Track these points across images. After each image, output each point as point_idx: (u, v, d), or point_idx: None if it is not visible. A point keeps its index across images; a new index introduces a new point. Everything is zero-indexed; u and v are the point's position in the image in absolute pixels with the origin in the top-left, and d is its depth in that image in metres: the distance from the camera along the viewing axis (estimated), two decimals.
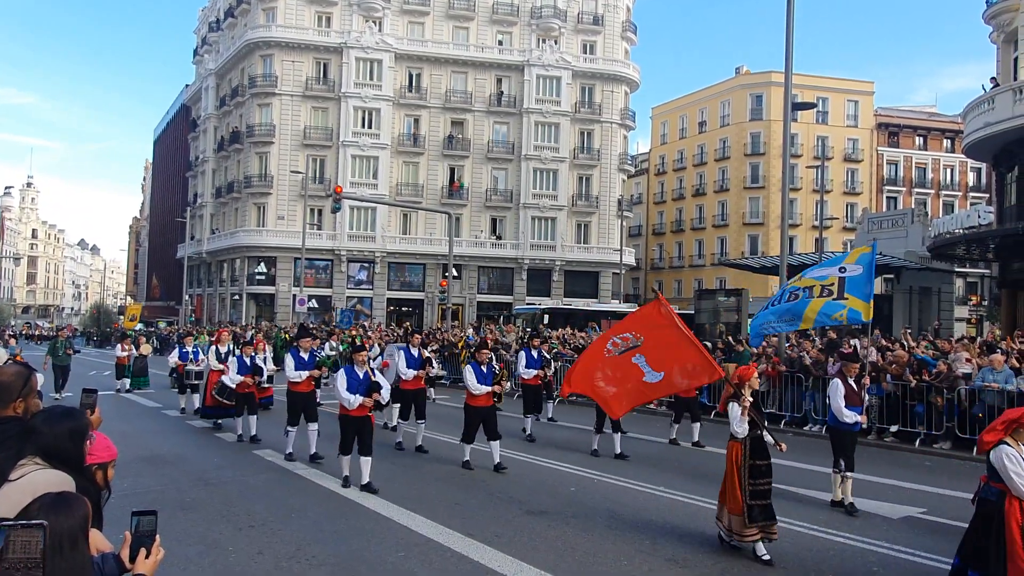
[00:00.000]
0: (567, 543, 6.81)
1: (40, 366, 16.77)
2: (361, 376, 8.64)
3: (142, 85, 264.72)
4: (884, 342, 16.14)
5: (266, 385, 12.88)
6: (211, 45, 57.01)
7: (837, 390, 8.33)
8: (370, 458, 8.61)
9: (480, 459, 10.34)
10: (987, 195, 48.13)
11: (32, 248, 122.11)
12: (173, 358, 16.26)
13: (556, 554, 6.47)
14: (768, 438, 6.68)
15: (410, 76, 48.28)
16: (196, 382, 15.18)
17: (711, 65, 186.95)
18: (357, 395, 8.49)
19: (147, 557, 2.41)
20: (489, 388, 9.91)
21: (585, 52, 50.89)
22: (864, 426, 9.03)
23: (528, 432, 12.75)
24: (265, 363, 12.76)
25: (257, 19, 48.09)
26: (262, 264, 47.20)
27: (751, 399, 6.57)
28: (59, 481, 2.52)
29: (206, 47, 58.32)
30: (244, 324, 38.54)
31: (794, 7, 15.93)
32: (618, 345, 7.11)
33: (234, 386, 12.10)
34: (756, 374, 6.97)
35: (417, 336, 12.50)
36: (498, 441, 9.88)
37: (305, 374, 10.41)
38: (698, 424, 12.50)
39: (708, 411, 15.67)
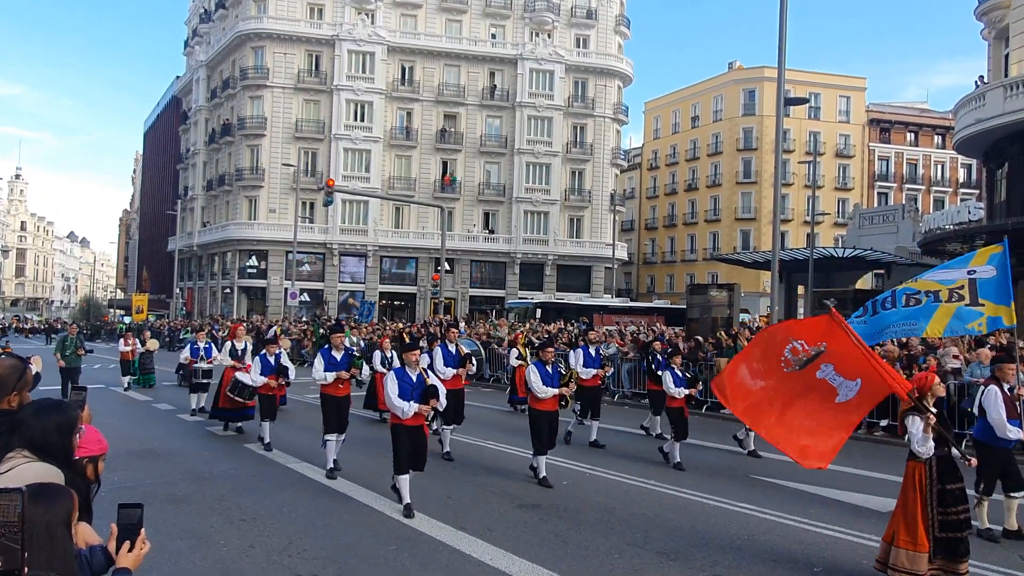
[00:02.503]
0: (559, 537, 6.82)
1: (54, 366, 15.42)
2: (414, 379, 7.47)
3: (132, 76, 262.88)
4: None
5: (283, 382, 11.62)
6: (202, 37, 56.60)
7: (997, 400, 6.91)
8: (420, 472, 7.58)
9: (487, 459, 10.32)
10: (977, 191, 48.39)
11: (21, 240, 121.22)
12: (184, 354, 15.04)
13: (548, 547, 6.48)
14: (956, 453, 5.62)
15: (403, 69, 48.10)
16: (205, 380, 14.17)
17: (704, 60, 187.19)
18: (412, 402, 7.30)
19: (130, 550, 2.40)
20: (556, 391, 8.88)
21: (578, 46, 50.82)
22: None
23: (593, 438, 11.49)
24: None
25: (248, 10, 47.77)
26: (253, 257, 47.02)
27: (935, 411, 5.51)
28: (47, 474, 2.51)
29: (197, 39, 57.90)
30: (262, 319, 37.54)
31: (787, 3, 15.93)
32: (798, 352, 5.82)
33: (256, 385, 10.95)
34: (938, 381, 5.75)
35: (454, 331, 11.28)
36: (547, 453, 8.97)
37: (332, 376, 9.17)
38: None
39: (700, 406, 15.70)
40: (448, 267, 42.55)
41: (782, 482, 9.17)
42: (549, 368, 8.94)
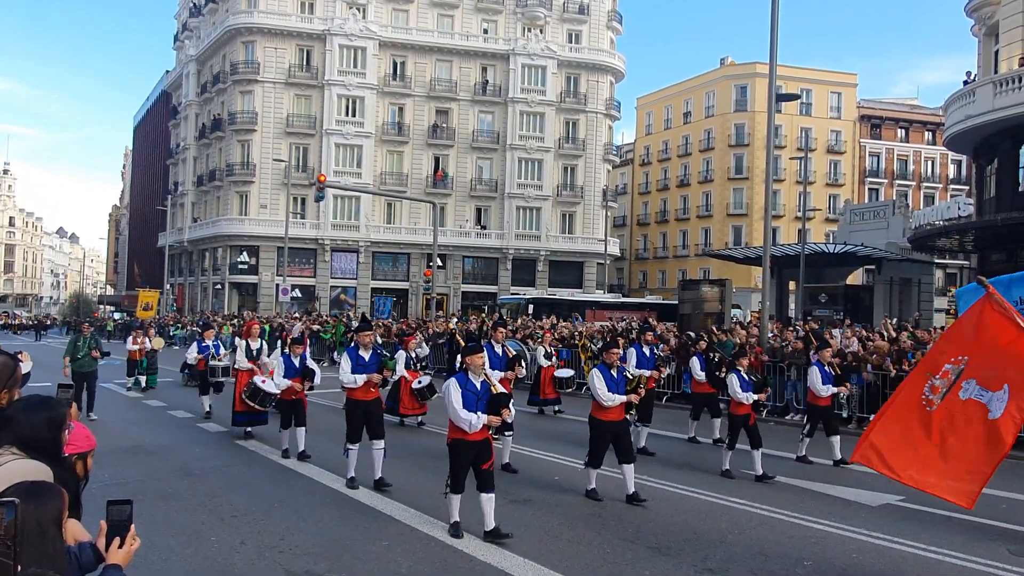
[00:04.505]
0: (551, 532, 6.83)
1: (44, 363, 14.29)
2: (479, 387, 6.54)
3: (121, 71, 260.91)
4: (864, 332, 16.33)
5: (308, 386, 10.46)
6: (192, 31, 56.25)
7: None
8: (493, 495, 6.57)
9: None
10: (967, 187, 48.70)
11: (9, 236, 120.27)
12: (192, 353, 14.21)
13: (540, 543, 6.48)
14: None
15: (394, 64, 47.93)
16: (222, 379, 13.28)
17: (696, 56, 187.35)
18: (478, 413, 6.37)
19: (120, 547, 2.39)
20: (623, 398, 7.88)
21: (570, 41, 50.77)
22: None
23: (642, 445, 10.52)
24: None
25: (239, 4, 47.48)
26: (244, 253, 46.83)
27: None
28: (36, 471, 2.49)
29: (186, 33, 57.54)
30: (292, 315, 35.19)
31: None
32: (938, 389, 5.32)
33: (278, 391, 10.07)
34: None
35: (501, 331, 10.29)
36: (632, 465, 7.95)
37: (362, 379, 8.22)
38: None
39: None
40: (440, 263, 42.48)
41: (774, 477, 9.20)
42: (614, 372, 7.93)
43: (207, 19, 53.61)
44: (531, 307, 35.28)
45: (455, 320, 28.47)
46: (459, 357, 8.42)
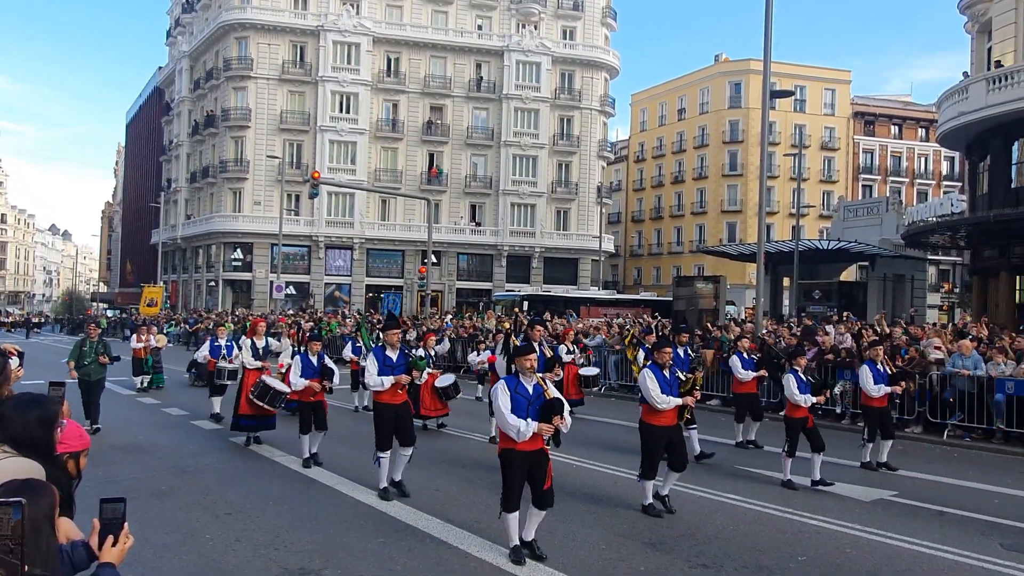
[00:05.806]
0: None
1: (66, 375, 12.33)
2: (531, 392, 5.89)
3: (114, 67, 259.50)
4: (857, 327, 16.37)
5: (328, 386, 9.77)
6: (185, 26, 55.95)
7: None
8: (545, 513, 6.05)
9: (474, 451, 10.28)
10: (960, 184, 48.88)
11: (1, 233, 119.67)
12: (203, 352, 13.80)
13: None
14: None
15: (388, 60, 47.80)
16: (229, 382, 12.69)
17: (690, 53, 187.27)
18: (529, 420, 5.75)
19: (114, 545, 2.38)
20: (678, 400, 7.34)
21: (565, 38, 50.72)
22: None
23: (699, 451, 9.93)
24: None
25: (232, 0, 47.25)
26: (238, 250, 46.68)
27: None
28: (28, 469, 2.48)
29: (179, 28, 57.21)
30: (303, 311, 34.70)
31: None
32: None
33: (287, 391, 9.66)
34: None
35: (540, 329, 9.55)
36: (680, 473, 7.50)
37: (389, 381, 7.67)
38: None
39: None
40: (435, 260, 42.43)
41: (767, 473, 9.23)
42: (666, 373, 7.36)
43: (200, 15, 53.32)
44: (526, 304, 35.28)
45: (506, 319, 27.47)
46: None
